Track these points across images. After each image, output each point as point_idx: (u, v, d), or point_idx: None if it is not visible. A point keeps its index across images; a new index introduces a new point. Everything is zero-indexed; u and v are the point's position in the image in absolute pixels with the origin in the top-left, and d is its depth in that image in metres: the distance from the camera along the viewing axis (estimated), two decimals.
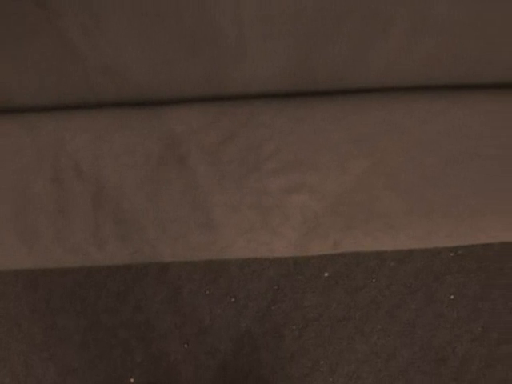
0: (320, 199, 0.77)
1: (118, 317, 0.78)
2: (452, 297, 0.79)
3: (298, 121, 0.78)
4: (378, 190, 0.77)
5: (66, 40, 0.67)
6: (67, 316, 0.79)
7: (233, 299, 0.79)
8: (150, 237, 0.75)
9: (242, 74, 0.75)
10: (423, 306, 0.79)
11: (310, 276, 0.80)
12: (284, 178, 0.77)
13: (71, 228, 0.75)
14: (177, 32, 0.69)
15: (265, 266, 0.80)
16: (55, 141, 0.76)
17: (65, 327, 0.78)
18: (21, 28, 0.66)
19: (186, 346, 0.78)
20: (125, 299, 0.79)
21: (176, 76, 0.74)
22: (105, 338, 0.78)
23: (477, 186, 0.78)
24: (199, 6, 0.66)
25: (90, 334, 0.78)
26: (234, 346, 0.79)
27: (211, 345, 0.79)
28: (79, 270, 0.79)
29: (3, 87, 0.73)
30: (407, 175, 0.77)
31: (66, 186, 0.75)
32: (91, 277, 0.79)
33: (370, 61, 0.75)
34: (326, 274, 0.80)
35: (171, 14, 0.67)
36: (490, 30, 0.71)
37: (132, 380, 0.79)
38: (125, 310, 0.79)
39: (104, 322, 0.78)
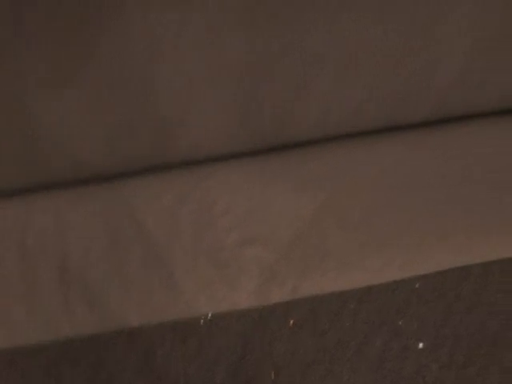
0: (274, 248, 0.81)
1: None
2: (415, 328, 0.81)
3: (248, 177, 0.84)
4: (329, 231, 0.81)
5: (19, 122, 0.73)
6: None
7: (204, 357, 0.81)
8: (117, 303, 0.79)
9: (186, 141, 0.81)
10: (388, 341, 0.81)
11: (275, 325, 0.82)
12: (238, 232, 0.81)
13: (41, 303, 0.78)
14: (121, 109, 0.75)
15: (231, 320, 0.82)
16: (19, 223, 0.80)
17: None
18: None
19: None
20: (98, 372, 0.81)
21: (125, 150, 0.80)
22: None
23: (424, 216, 0.82)
24: (140, 80, 0.73)
25: None
26: None
27: None
28: (53, 346, 0.81)
29: None
30: (356, 213, 0.82)
31: (33, 263, 0.79)
32: (65, 352, 0.81)
33: (309, 110, 0.81)
34: (292, 321, 0.82)
35: (114, 92, 0.74)
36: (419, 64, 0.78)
37: None
38: (99, 383, 0.81)
39: None
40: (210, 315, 0.82)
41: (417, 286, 0.83)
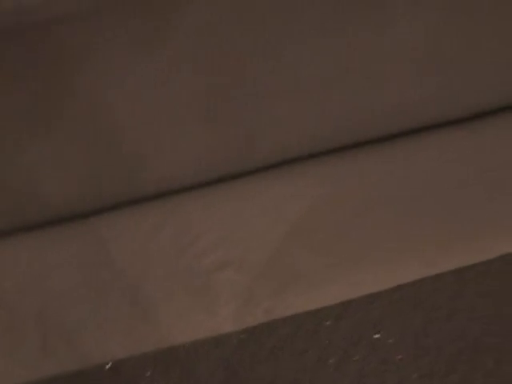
0: (246, 272, 0.82)
1: None
2: (393, 340, 0.81)
3: (218, 203, 0.85)
4: (301, 252, 0.82)
5: None
6: None
7: None
8: (96, 339, 0.80)
9: (154, 175, 0.84)
10: (367, 355, 0.81)
11: (255, 348, 0.82)
12: (210, 258, 0.83)
13: (20, 343, 0.80)
14: (90, 153, 0.79)
15: (210, 347, 0.83)
16: None
17: None
18: None
19: None
20: None
21: (97, 190, 0.83)
22: None
23: (395, 228, 0.83)
24: (105, 126, 0.76)
25: None
26: None
27: None
28: None
29: None
30: (327, 231, 0.83)
31: (11, 305, 0.81)
32: None
33: (270, 135, 0.83)
34: (270, 344, 0.83)
35: (83, 139, 0.77)
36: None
37: None
38: None
39: None
40: (187, 343, 0.83)
41: (392, 298, 0.83)
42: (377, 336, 0.81)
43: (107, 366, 0.83)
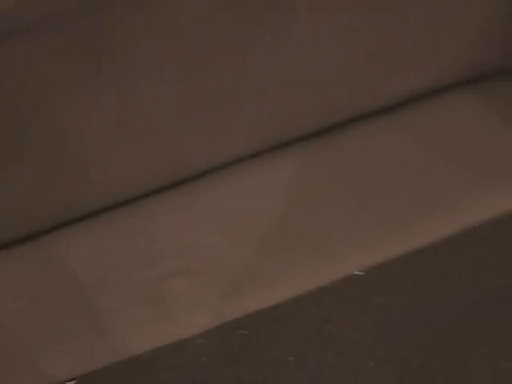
0: (198, 277, 0.83)
1: None
2: (349, 331, 0.81)
3: (169, 213, 0.87)
4: (246, 254, 0.83)
5: None
6: None
7: None
8: (48, 359, 0.81)
9: (106, 186, 0.86)
10: (324, 349, 0.81)
11: (213, 351, 0.82)
12: (162, 266, 0.84)
13: None
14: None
15: (173, 356, 0.83)
16: None
17: None
18: None
19: None
20: None
21: (41, 206, 0.85)
22: None
23: (339, 221, 0.84)
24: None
25: None
26: None
27: None
28: None
29: None
30: (270, 231, 0.84)
31: None
32: None
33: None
34: (228, 346, 0.83)
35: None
36: None
37: None
38: None
39: None
40: (148, 352, 0.84)
41: (345, 289, 0.82)
42: (332, 329, 0.81)
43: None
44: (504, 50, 0.86)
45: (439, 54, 0.82)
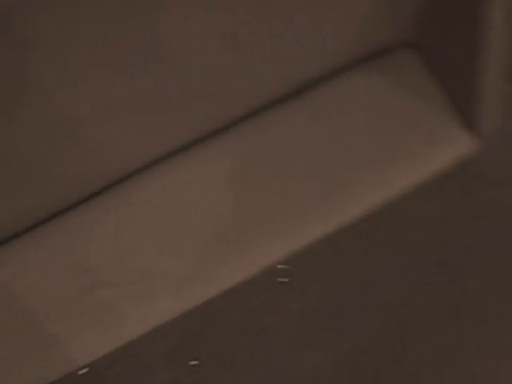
0: (118, 287, 0.84)
1: None
2: (280, 319, 0.82)
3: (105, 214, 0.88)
4: (166, 256, 0.84)
5: None
6: None
7: None
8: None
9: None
10: (258, 341, 0.82)
11: (152, 354, 0.83)
12: (97, 275, 0.84)
13: None
14: None
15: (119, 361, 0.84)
16: None
17: None
18: None
19: None
20: None
21: None
22: None
23: (258, 209, 0.85)
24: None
25: None
26: None
27: None
28: None
29: None
30: (190, 234, 0.86)
31: None
32: None
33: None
34: (163, 351, 0.83)
35: None
36: None
37: None
38: None
39: None
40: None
41: (269, 280, 0.84)
42: (263, 321, 0.83)
43: None
44: (399, 24, 0.87)
45: (333, 33, 0.82)
